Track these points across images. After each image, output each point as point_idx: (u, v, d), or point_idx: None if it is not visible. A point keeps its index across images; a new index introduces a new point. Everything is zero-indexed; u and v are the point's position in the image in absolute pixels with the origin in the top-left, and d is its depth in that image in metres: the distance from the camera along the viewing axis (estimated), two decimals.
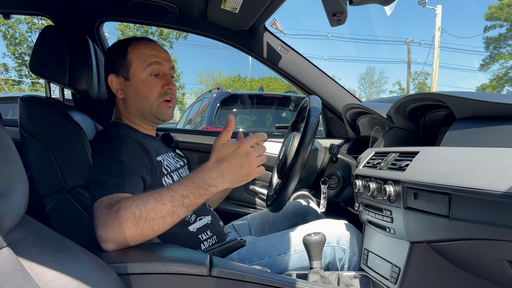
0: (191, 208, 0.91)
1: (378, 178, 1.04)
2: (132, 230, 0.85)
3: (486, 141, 0.83)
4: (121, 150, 1.07)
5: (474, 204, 0.72)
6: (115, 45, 1.27)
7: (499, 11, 21.14)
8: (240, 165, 0.89)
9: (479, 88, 24.94)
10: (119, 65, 1.22)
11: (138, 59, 1.20)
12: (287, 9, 36.93)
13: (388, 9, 1.08)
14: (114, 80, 1.23)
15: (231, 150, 0.90)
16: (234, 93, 4.72)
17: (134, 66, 1.20)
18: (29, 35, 20.07)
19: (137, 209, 0.86)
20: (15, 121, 1.42)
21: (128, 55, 1.21)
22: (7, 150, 0.67)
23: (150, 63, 1.20)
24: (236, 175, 0.90)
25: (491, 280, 0.91)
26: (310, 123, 1.25)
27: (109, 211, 0.88)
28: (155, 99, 1.20)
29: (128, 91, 1.22)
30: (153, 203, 0.87)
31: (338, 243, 1.26)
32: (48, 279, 0.60)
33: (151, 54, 1.21)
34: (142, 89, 1.19)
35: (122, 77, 1.22)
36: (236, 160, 0.89)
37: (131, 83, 1.21)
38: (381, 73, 39.34)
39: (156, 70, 1.21)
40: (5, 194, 0.60)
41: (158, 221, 0.87)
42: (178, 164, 1.30)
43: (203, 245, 1.19)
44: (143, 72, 1.20)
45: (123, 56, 1.22)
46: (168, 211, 0.88)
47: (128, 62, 1.21)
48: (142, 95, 1.20)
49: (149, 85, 1.20)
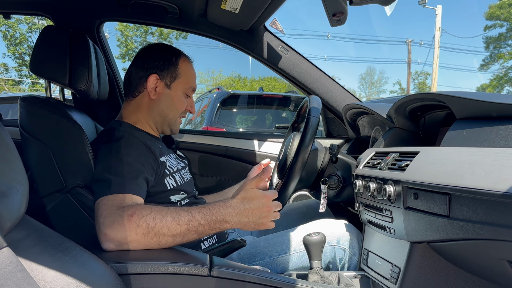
0: (201, 236, 0.93)
1: (378, 178, 1.04)
2: (140, 238, 0.86)
3: (486, 141, 0.83)
4: (127, 150, 1.07)
5: (474, 204, 0.72)
6: (164, 48, 1.29)
7: (499, 10, 21.13)
8: (259, 214, 0.95)
9: (479, 88, 24.94)
10: (166, 71, 1.24)
11: (186, 76, 1.27)
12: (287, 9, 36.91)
13: (388, 9, 1.08)
14: (155, 81, 1.23)
15: (257, 196, 0.96)
16: (234, 93, 4.72)
17: (180, 80, 1.26)
18: (29, 35, 20.09)
19: (152, 221, 0.87)
20: (15, 121, 1.42)
21: (179, 67, 1.26)
22: (7, 150, 0.67)
23: (191, 88, 1.29)
24: (252, 221, 0.95)
25: (491, 280, 0.91)
26: (310, 123, 1.25)
27: (121, 213, 0.88)
28: (179, 114, 1.28)
29: (163, 97, 1.24)
30: (170, 221, 0.89)
31: (338, 243, 1.26)
32: (48, 279, 0.60)
33: (193, 78, 1.30)
34: (177, 102, 1.26)
35: (164, 82, 1.24)
36: (258, 208, 0.95)
37: (170, 92, 1.25)
38: (381, 73, 39.30)
39: (190, 93, 1.30)
40: (5, 194, 0.60)
41: (168, 238, 0.89)
42: (179, 165, 1.30)
43: (203, 244, 1.19)
44: (184, 90, 1.27)
45: (174, 65, 1.25)
46: (181, 232, 0.89)
47: (177, 74, 1.26)
48: (174, 107, 1.26)
49: (182, 101, 1.27)
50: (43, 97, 1.19)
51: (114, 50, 21.83)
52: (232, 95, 4.65)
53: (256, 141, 1.98)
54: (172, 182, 1.18)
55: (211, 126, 4.25)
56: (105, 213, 0.90)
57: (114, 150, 1.07)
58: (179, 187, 1.20)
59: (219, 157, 1.95)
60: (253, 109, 4.96)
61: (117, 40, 20.99)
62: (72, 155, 1.09)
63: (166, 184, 1.15)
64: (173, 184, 1.18)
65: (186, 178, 1.29)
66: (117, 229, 0.86)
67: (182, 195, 1.20)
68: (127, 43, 20.99)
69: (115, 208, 0.90)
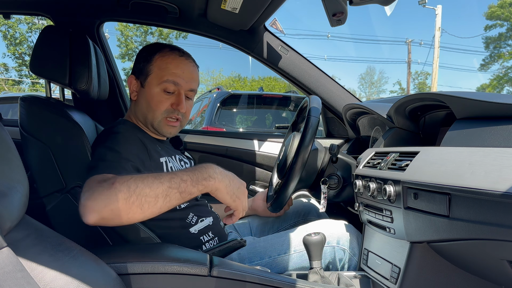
0: (185, 196, 0.90)
1: (378, 178, 1.04)
2: (121, 204, 0.82)
3: (486, 141, 0.83)
4: (121, 143, 1.06)
5: (474, 204, 0.72)
6: (146, 47, 1.26)
7: (500, 10, 21.11)
8: (237, 186, 1.00)
9: (479, 88, 24.91)
10: (140, 69, 1.22)
11: (158, 70, 1.19)
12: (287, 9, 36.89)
13: (388, 9, 1.08)
14: (132, 81, 1.24)
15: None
16: (234, 93, 4.73)
17: (152, 76, 1.19)
18: (29, 35, 20.09)
19: (133, 183, 0.84)
20: (15, 121, 1.42)
21: (152, 63, 1.20)
22: (7, 150, 0.67)
23: (166, 81, 1.17)
24: (232, 187, 0.98)
25: (491, 280, 0.91)
26: (310, 123, 1.25)
27: (102, 184, 0.85)
28: (159, 114, 1.19)
29: (140, 97, 1.22)
30: (151, 179, 0.86)
31: (338, 243, 1.26)
32: (48, 279, 0.60)
33: (173, 71, 1.18)
34: (151, 101, 1.19)
35: (139, 82, 1.23)
36: (237, 182, 1.00)
37: (144, 90, 1.21)
38: (381, 73, 39.25)
39: (170, 89, 1.19)
40: (5, 194, 0.60)
41: (150, 199, 0.84)
42: (181, 167, 1.29)
43: (205, 246, 1.19)
44: (157, 86, 1.18)
45: (147, 62, 1.21)
46: (163, 191, 0.86)
47: (148, 71, 1.20)
48: (150, 106, 1.19)
49: (159, 99, 1.19)
50: (43, 97, 1.19)
51: (114, 50, 21.84)
52: (232, 95, 4.65)
53: (256, 141, 1.98)
54: None
55: (211, 126, 4.25)
56: (87, 189, 0.86)
57: (109, 142, 1.06)
58: None
59: (219, 157, 1.95)
60: (253, 109, 4.96)
61: (117, 40, 21.01)
62: (72, 155, 1.09)
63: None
64: None
65: None
66: (98, 198, 0.82)
67: None
68: (127, 43, 20.99)
69: (96, 183, 0.87)
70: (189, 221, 1.19)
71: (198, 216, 1.22)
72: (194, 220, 1.20)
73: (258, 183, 1.95)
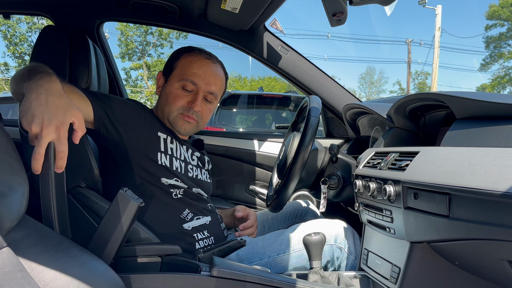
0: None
1: (378, 178, 1.04)
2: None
3: (486, 141, 0.83)
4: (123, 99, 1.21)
5: (474, 204, 0.72)
6: (180, 48, 1.35)
7: (501, 10, 21.10)
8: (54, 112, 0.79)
9: (479, 88, 24.91)
10: (168, 66, 1.32)
11: (182, 68, 1.27)
12: (287, 9, 36.94)
13: (388, 9, 1.08)
14: (160, 77, 1.34)
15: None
16: (234, 93, 4.73)
17: (175, 73, 1.28)
18: (29, 35, 20.08)
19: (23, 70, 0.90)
20: (15, 121, 1.42)
21: (178, 61, 1.29)
22: (7, 150, 0.67)
23: (186, 79, 1.25)
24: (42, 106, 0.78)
25: (491, 280, 0.91)
26: (310, 123, 1.25)
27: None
28: (175, 109, 1.26)
29: (162, 92, 1.31)
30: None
31: (335, 241, 1.26)
32: (48, 279, 0.60)
33: (194, 71, 1.26)
34: (169, 95, 1.26)
35: (164, 78, 1.32)
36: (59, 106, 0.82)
37: (166, 85, 1.29)
38: (381, 73, 39.28)
39: (188, 87, 1.25)
40: (5, 194, 0.60)
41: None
42: (190, 159, 1.31)
43: (198, 244, 1.20)
44: (177, 82, 1.26)
45: (175, 60, 1.30)
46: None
47: (173, 67, 1.29)
48: (167, 101, 1.27)
49: (176, 95, 1.26)
50: None
51: (114, 50, 21.83)
52: (232, 95, 4.65)
53: (256, 141, 1.98)
54: (166, 161, 1.20)
55: (211, 126, 4.25)
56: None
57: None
58: (173, 171, 1.21)
59: (219, 157, 1.95)
60: (253, 109, 4.97)
61: (118, 40, 21.02)
62: (72, 155, 1.09)
63: (157, 156, 1.18)
64: (166, 163, 1.20)
65: (193, 174, 1.29)
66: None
67: (176, 182, 1.20)
68: (127, 43, 21.00)
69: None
70: (184, 217, 1.21)
71: (194, 213, 1.23)
72: (189, 217, 1.21)
73: (258, 183, 1.95)
